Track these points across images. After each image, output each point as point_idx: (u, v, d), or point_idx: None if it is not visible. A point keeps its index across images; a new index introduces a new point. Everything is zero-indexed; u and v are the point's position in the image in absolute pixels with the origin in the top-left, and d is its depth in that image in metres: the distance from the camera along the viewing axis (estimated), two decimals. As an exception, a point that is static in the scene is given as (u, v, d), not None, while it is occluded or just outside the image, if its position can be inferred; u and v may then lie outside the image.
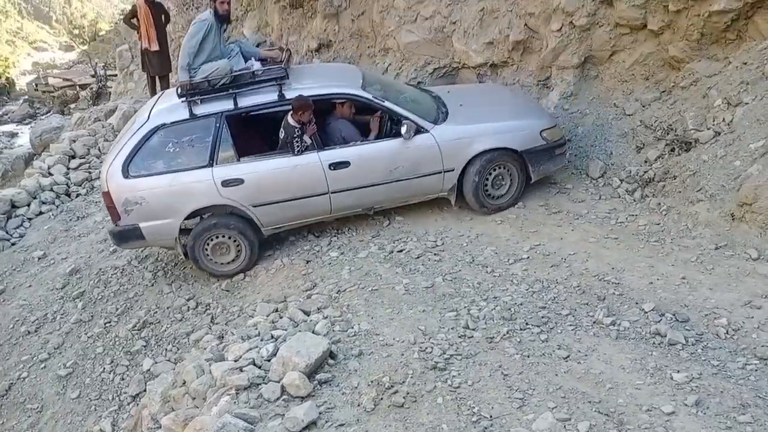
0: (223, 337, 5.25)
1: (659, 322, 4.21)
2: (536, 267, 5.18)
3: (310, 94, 6.06)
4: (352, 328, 4.63)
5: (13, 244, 8.56)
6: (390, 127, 6.25)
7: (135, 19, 10.36)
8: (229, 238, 6.22)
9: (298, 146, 5.97)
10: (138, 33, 10.51)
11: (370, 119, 6.37)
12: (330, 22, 10.18)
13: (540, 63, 7.79)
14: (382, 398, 3.82)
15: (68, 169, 10.46)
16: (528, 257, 5.35)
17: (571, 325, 4.35)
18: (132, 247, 6.70)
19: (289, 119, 5.99)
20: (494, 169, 6.19)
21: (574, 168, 6.83)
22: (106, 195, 6.02)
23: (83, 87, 24.59)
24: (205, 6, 13.52)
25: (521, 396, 3.70)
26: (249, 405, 3.84)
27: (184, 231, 6.23)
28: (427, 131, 6.07)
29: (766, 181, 4.94)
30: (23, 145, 18.32)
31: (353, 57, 10.16)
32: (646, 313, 4.34)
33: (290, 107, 5.97)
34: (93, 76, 24.20)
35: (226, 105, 5.97)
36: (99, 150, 11.08)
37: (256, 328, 4.92)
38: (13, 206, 9.29)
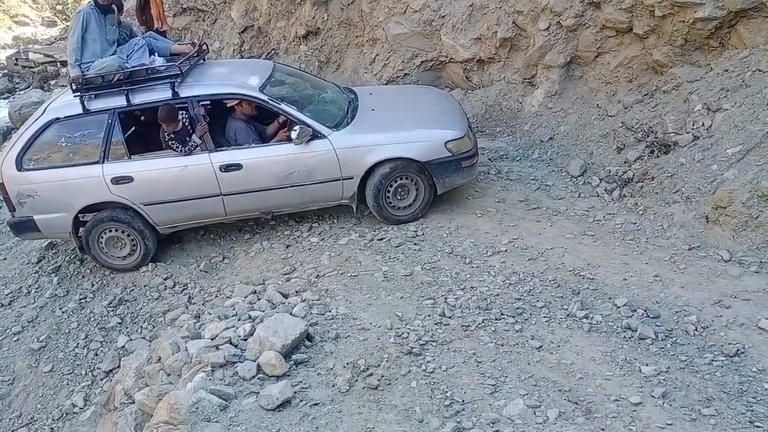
0: (199, 316, 5.24)
1: (631, 317, 4.30)
2: (514, 260, 5.24)
3: (200, 93, 6.01)
4: (330, 311, 4.67)
5: (-13, 217, 8.45)
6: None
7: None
8: (123, 232, 6.19)
9: (179, 149, 5.88)
10: (143, 17, 9.51)
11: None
12: (319, 9, 10.15)
13: (526, 61, 7.87)
14: (356, 380, 3.88)
15: (47, 144, 10.31)
16: (506, 250, 5.41)
17: (545, 317, 4.43)
18: (30, 239, 6.75)
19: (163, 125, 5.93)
20: (396, 180, 5.98)
21: (555, 166, 6.92)
22: (1, 186, 6.05)
23: (64, 63, 24.21)
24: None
25: (493, 383, 3.77)
26: (224, 382, 3.87)
27: (83, 223, 6.21)
28: (324, 137, 5.88)
29: (740, 186, 5.06)
30: (1, 119, 18.01)
31: (341, 46, 10.16)
32: (618, 308, 4.44)
33: (184, 105, 5.93)
34: (75, 53, 23.81)
35: (119, 101, 5.86)
36: (80, 126, 10.91)
37: (234, 309, 4.94)
38: (-11, 179, 9.15)
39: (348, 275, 5.25)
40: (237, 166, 5.90)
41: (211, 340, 4.37)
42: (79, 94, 5.83)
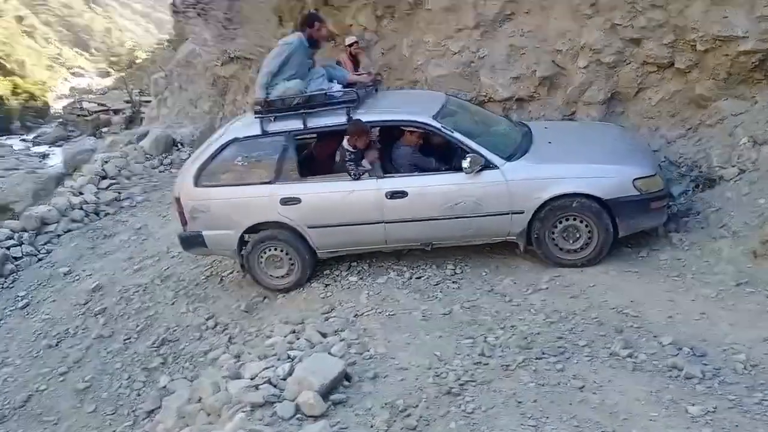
0: (240, 356, 5.27)
1: (677, 355, 4.15)
2: (555, 298, 5.15)
3: (375, 119, 6.02)
4: (368, 351, 4.65)
5: (40, 260, 8.77)
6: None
7: None
8: (282, 251, 6.19)
9: (352, 170, 5.84)
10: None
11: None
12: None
13: (566, 98, 7.85)
14: (395, 421, 3.82)
15: (98, 189, 10.72)
16: (547, 288, 5.33)
17: (587, 356, 4.31)
18: (196, 254, 6.83)
19: (345, 143, 5.89)
20: (568, 218, 5.53)
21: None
22: (177, 200, 6.21)
23: (116, 112, 25.24)
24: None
25: (535, 423, 3.67)
26: (263, 422, 3.86)
27: (246, 243, 6.24)
28: (496, 167, 5.56)
29: (790, 220, 4.90)
30: (54, 165, 18.78)
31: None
32: (663, 346, 4.28)
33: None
34: (128, 102, 24.83)
35: (296, 124, 5.96)
36: (129, 171, 11.34)
37: (273, 348, 4.95)
38: (44, 223, 9.53)
39: (386, 314, 5.23)
40: (402, 194, 5.75)
41: (251, 380, 4.38)
42: (260, 115, 6.02)
